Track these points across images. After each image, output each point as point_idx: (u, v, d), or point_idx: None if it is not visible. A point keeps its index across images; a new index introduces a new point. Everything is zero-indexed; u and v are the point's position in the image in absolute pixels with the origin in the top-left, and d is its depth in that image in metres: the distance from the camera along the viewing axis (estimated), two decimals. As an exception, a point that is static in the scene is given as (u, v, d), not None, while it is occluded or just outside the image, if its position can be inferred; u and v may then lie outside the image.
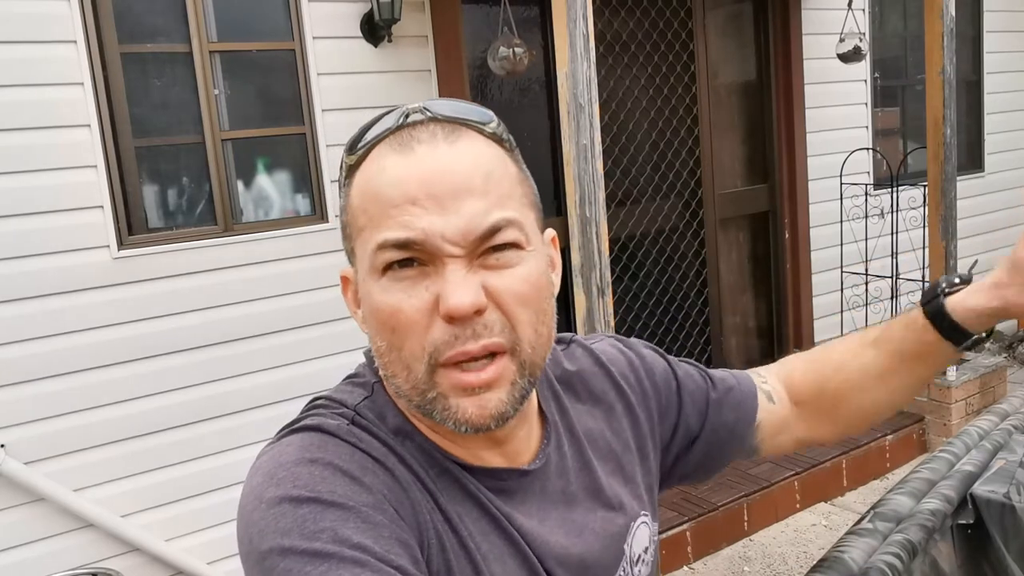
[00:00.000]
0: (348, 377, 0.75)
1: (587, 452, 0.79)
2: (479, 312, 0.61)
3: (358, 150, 0.66)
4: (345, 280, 0.71)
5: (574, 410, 0.80)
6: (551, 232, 0.74)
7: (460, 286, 0.61)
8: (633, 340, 0.91)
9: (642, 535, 0.81)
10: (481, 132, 0.66)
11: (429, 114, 0.65)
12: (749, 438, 0.90)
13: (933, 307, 0.83)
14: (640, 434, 0.84)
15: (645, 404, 0.85)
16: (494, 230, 0.62)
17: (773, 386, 0.93)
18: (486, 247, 0.62)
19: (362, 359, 0.77)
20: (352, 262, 0.69)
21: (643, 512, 0.82)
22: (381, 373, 0.69)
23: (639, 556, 0.81)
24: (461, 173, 0.62)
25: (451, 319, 0.61)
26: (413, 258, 0.62)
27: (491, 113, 0.68)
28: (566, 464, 0.77)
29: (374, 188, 0.63)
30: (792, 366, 0.96)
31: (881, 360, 0.88)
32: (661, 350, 0.92)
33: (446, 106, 0.67)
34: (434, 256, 0.62)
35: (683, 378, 0.89)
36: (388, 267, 0.62)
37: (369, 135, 0.66)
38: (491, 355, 0.63)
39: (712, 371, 0.93)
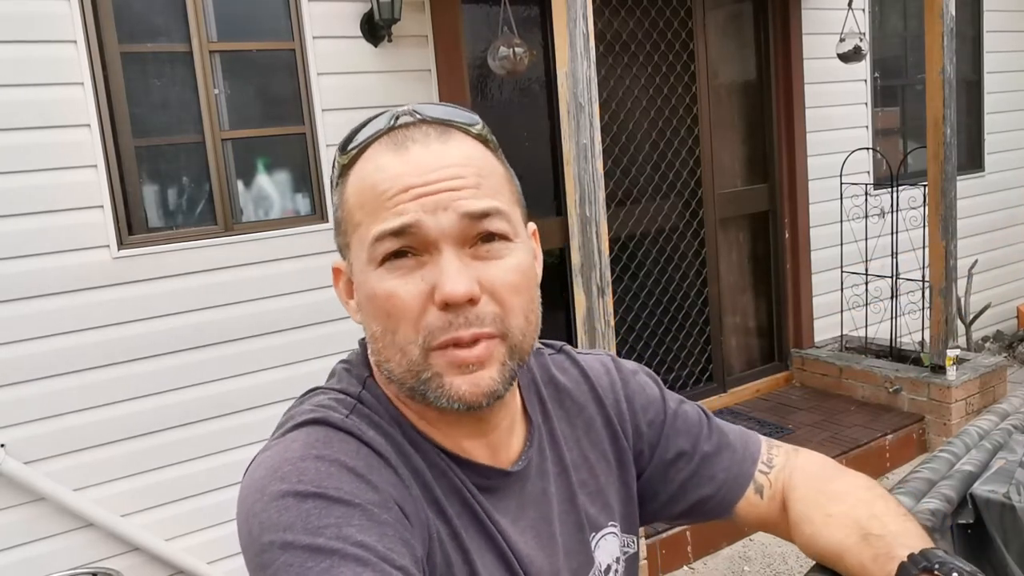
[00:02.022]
0: (342, 362, 0.76)
1: (565, 458, 0.80)
2: (472, 301, 0.64)
3: (351, 150, 0.69)
4: (337, 272, 0.74)
5: (556, 416, 0.82)
6: (532, 226, 0.76)
7: (456, 274, 0.63)
8: (629, 365, 0.90)
9: (609, 546, 0.82)
10: (468, 133, 0.69)
11: (419, 116, 0.69)
12: (725, 512, 0.87)
13: None
14: (619, 448, 0.84)
15: (622, 426, 0.85)
16: (485, 215, 0.65)
17: (773, 480, 0.86)
18: (478, 233, 0.65)
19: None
20: (345, 256, 0.71)
21: (610, 523, 0.82)
22: (374, 359, 0.70)
23: (609, 566, 0.81)
24: (454, 167, 0.65)
25: (446, 305, 0.63)
26: (409, 249, 0.64)
27: (476, 116, 0.72)
28: (546, 467, 0.78)
29: (370, 184, 0.66)
30: (796, 484, 0.84)
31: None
32: (660, 382, 0.91)
33: (434, 109, 0.70)
34: (429, 245, 0.64)
35: (671, 417, 0.86)
36: (385, 258, 0.65)
37: (361, 136, 0.69)
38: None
39: (721, 435, 0.87)
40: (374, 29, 3.06)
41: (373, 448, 0.66)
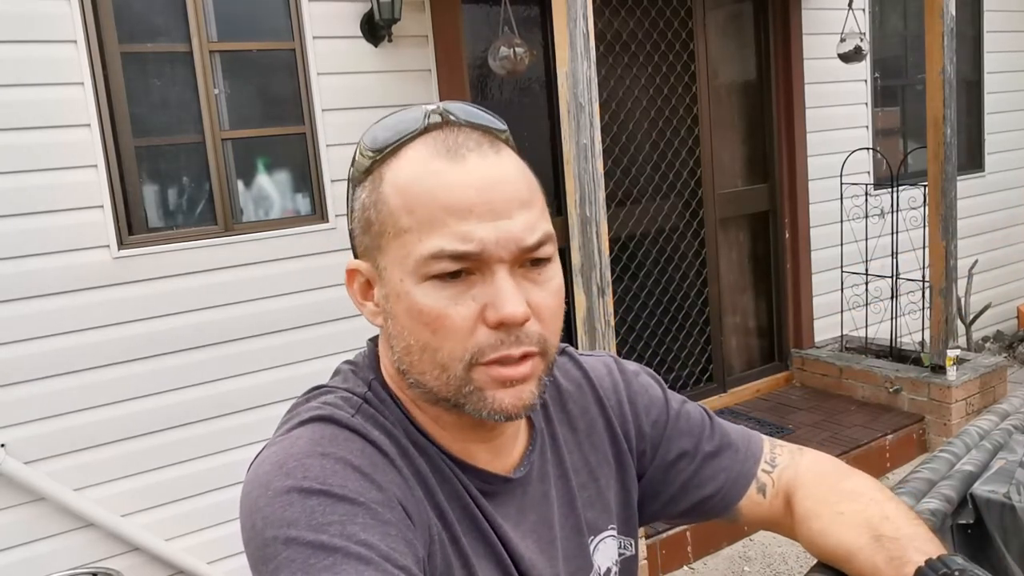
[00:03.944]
0: (347, 363, 0.76)
1: (566, 462, 0.80)
2: (525, 322, 0.64)
3: (385, 147, 0.66)
4: (352, 273, 0.71)
5: (558, 419, 0.81)
6: None
7: (513, 295, 0.63)
8: (631, 366, 0.90)
9: (608, 549, 0.82)
10: (498, 139, 0.68)
11: (453, 118, 0.67)
12: (726, 512, 0.87)
13: None
14: (619, 451, 0.84)
15: (623, 427, 0.84)
16: (540, 244, 0.65)
17: (776, 478, 0.86)
18: (529, 258, 0.65)
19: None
20: (368, 257, 0.68)
21: (610, 526, 0.82)
22: (399, 367, 0.69)
23: (608, 569, 0.81)
24: (512, 184, 0.65)
25: (501, 325, 0.63)
26: (463, 269, 0.63)
27: (503, 121, 0.70)
28: (547, 471, 0.78)
29: (426, 190, 0.63)
30: (804, 481, 0.84)
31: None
32: (662, 382, 0.90)
33: (467, 112, 0.68)
34: (484, 266, 0.63)
35: (674, 417, 0.86)
36: (436, 275, 0.63)
37: (393, 132, 0.67)
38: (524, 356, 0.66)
39: (723, 435, 0.87)
40: (374, 29, 3.06)
41: (378, 447, 0.66)
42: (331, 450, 0.63)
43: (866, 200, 4.45)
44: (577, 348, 0.90)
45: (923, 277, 4.21)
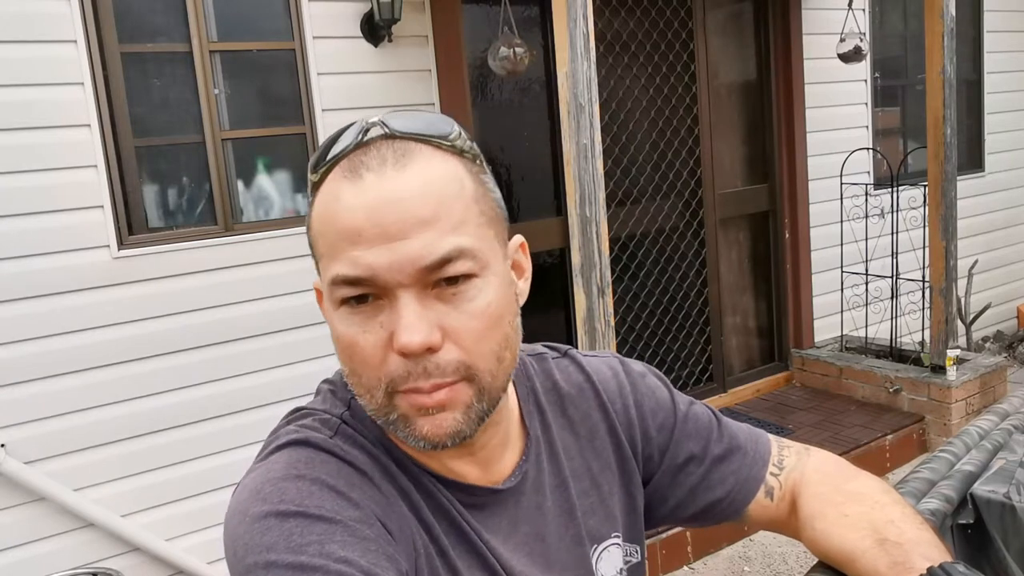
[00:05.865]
0: (327, 382, 0.75)
1: (564, 470, 0.78)
2: (431, 350, 0.61)
3: (319, 169, 0.65)
4: (319, 291, 0.70)
5: (556, 425, 0.80)
6: (519, 239, 0.72)
7: (413, 323, 0.60)
8: (637, 367, 0.87)
9: (613, 557, 0.80)
10: (439, 147, 0.64)
11: (386, 130, 0.64)
12: (735, 516, 0.86)
13: None
14: (623, 456, 0.82)
15: (629, 431, 0.82)
16: (444, 261, 0.60)
17: (783, 481, 0.85)
18: (438, 278, 0.61)
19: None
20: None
21: (614, 533, 0.80)
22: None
23: None
24: (408, 202, 0.60)
25: (403, 355, 0.61)
26: (367, 293, 0.61)
27: (452, 124, 0.66)
28: (543, 479, 0.76)
29: (328, 216, 0.62)
30: (809, 481, 0.83)
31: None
32: (669, 383, 0.88)
33: (404, 121, 0.64)
34: (386, 291, 0.61)
35: (681, 420, 0.85)
36: (344, 301, 0.62)
37: (330, 154, 0.65)
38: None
39: (731, 437, 0.86)
40: (374, 29, 3.06)
41: (355, 467, 0.65)
42: (306, 472, 0.63)
43: (866, 200, 4.45)
44: (577, 348, 0.89)
45: (923, 277, 4.22)
